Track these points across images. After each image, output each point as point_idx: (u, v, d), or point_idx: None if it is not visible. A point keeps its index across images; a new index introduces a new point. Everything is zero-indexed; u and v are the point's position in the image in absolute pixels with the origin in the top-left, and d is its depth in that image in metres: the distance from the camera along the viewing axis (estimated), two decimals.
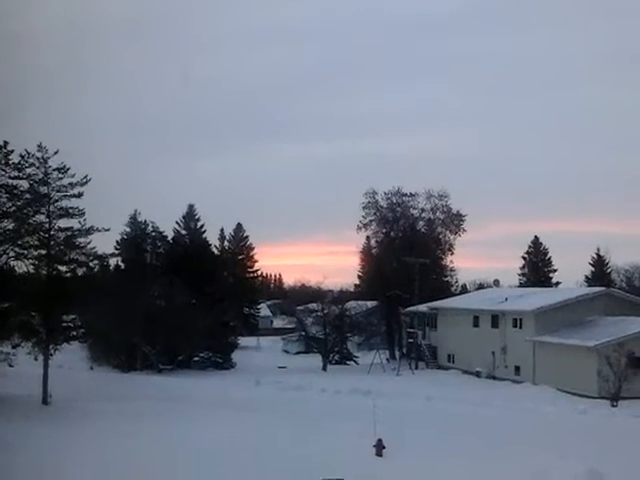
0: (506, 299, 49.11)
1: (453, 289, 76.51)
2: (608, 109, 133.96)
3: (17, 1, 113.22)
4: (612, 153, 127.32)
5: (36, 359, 27.91)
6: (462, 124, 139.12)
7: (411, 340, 57.68)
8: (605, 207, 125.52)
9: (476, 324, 50.43)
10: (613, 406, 33.89)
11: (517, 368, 44.76)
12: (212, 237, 77.05)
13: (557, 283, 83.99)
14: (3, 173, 26.06)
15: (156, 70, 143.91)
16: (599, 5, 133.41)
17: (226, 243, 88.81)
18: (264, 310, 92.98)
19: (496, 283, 65.45)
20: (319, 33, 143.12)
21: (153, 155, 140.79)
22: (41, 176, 26.38)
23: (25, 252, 27.05)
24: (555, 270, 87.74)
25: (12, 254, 27.03)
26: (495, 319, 47.86)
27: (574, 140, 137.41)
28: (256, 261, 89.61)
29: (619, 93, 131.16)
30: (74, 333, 29.22)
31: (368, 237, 70.84)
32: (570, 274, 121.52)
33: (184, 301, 49.56)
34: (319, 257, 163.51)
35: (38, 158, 26.14)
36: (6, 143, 25.79)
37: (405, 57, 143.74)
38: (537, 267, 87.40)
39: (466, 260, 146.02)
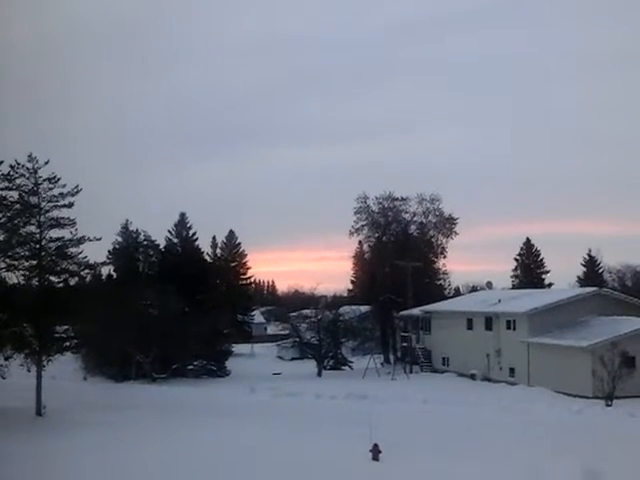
0: (499, 301, 49.13)
1: (446, 292, 76.49)
2: (597, 111, 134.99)
3: (2, 13, 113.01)
4: (603, 154, 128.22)
5: (29, 370, 27.72)
6: (453, 128, 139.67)
7: (405, 344, 57.68)
8: (596, 208, 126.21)
9: (470, 327, 50.46)
10: (608, 405, 33.91)
11: (512, 370, 44.80)
12: (204, 245, 76.92)
13: (550, 284, 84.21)
14: None
15: (145, 79, 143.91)
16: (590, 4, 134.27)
17: (218, 250, 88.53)
18: (258, 317, 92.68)
19: (489, 285, 65.47)
20: (310, 39, 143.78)
21: (144, 164, 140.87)
22: (31, 186, 26.32)
23: (16, 263, 26.92)
24: (547, 271, 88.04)
25: (3, 265, 26.91)
26: (489, 321, 47.91)
27: (564, 142, 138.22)
28: (249, 268, 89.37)
29: (606, 95, 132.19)
30: (67, 344, 29.03)
31: (360, 242, 70.96)
32: (562, 275, 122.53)
33: (177, 309, 49.38)
34: (312, 263, 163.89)
35: (28, 169, 26.08)
36: None
37: (396, 60, 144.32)
38: (529, 269, 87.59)
39: (459, 263, 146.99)
